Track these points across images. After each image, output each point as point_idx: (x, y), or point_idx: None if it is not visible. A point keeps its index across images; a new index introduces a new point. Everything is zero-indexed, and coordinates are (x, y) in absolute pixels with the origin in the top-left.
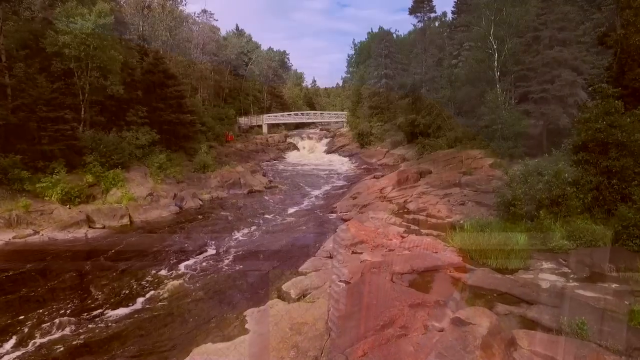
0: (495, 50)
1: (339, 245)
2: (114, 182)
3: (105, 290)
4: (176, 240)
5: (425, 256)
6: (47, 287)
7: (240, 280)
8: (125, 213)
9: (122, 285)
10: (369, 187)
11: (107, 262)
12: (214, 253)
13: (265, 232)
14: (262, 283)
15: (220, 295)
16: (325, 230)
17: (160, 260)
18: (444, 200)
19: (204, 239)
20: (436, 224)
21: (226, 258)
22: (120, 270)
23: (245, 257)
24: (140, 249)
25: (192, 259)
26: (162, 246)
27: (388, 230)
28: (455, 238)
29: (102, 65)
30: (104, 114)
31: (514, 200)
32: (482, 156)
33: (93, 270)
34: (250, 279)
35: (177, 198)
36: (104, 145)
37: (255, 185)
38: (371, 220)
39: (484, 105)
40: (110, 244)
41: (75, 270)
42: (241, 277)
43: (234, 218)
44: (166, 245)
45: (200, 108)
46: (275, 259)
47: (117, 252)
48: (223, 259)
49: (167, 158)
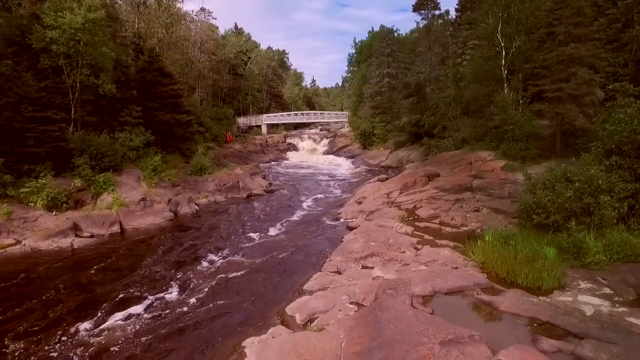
0: (502, 48)
1: (347, 259)
2: (104, 187)
3: (85, 314)
4: (168, 252)
5: (445, 274)
6: (17, 309)
7: (238, 300)
8: (115, 220)
9: (104, 308)
10: (375, 191)
11: (92, 278)
12: (208, 267)
13: (265, 242)
14: (262, 304)
15: (214, 319)
16: (331, 239)
17: (149, 277)
18: (457, 206)
19: (198, 250)
20: (451, 234)
21: (222, 273)
22: (104, 289)
23: (244, 271)
24: (128, 263)
25: (184, 274)
26: (153, 259)
27: (400, 241)
28: (476, 251)
29: (93, 62)
30: (96, 114)
31: (538, 209)
32: (492, 158)
33: (74, 289)
34: (249, 298)
35: (171, 203)
36: (94, 147)
37: (255, 189)
38: (380, 229)
39: (494, 105)
40: (97, 256)
41: (53, 289)
42: (239, 296)
43: (231, 225)
44: (157, 258)
45: (198, 108)
46: (276, 274)
47: (104, 267)
48: (218, 275)
49: (162, 160)
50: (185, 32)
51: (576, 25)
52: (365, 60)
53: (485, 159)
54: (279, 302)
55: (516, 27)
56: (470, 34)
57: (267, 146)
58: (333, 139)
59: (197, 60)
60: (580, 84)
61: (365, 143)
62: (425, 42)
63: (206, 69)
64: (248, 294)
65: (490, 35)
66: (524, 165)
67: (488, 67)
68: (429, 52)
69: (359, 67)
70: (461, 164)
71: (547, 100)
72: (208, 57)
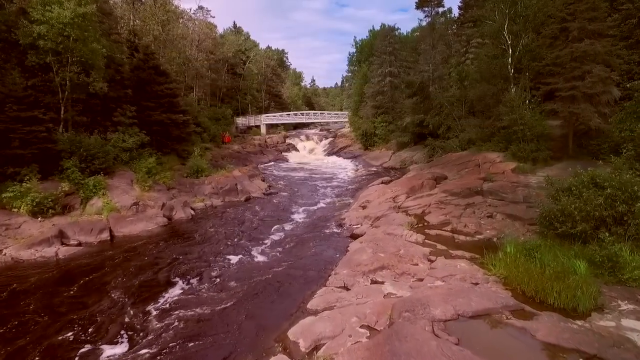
0: (509, 46)
1: (355, 272)
2: (94, 191)
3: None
4: (159, 263)
5: (467, 292)
6: None
7: (234, 322)
8: (105, 226)
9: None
10: (379, 194)
11: (71, 297)
12: (201, 282)
13: (264, 252)
14: (261, 325)
15: (206, 346)
16: (335, 248)
17: (135, 293)
18: (468, 211)
19: (191, 261)
20: (466, 243)
21: (216, 289)
22: (81, 316)
23: (240, 287)
24: (114, 276)
25: (174, 290)
26: (141, 272)
27: (411, 252)
28: (497, 264)
29: (84, 59)
30: (88, 114)
31: (562, 217)
32: (501, 160)
33: (46, 313)
34: (246, 320)
35: (165, 208)
36: (84, 149)
37: (253, 192)
38: (389, 238)
39: (503, 105)
40: (83, 267)
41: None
42: (234, 317)
43: (227, 232)
44: (146, 270)
45: (195, 107)
46: (276, 290)
47: (89, 281)
48: (212, 290)
49: (157, 162)
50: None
51: (591, 21)
52: (366, 60)
53: (494, 161)
54: (279, 324)
55: (523, 24)
56: (475, 32)
57: (266, 147)
58: (333, 140)
59: (195, 58)
60: (596, 82)
61: (367, 144)
62: (429, 40)
63: (204, 68)
64: (244, 314)
65: (497, 33)
66: (535, 168)
67: (495, 65)
68: (432, 51)
69: (360, 66)
70: (468, 165)
71: (560, 100)
72: (206, 55)
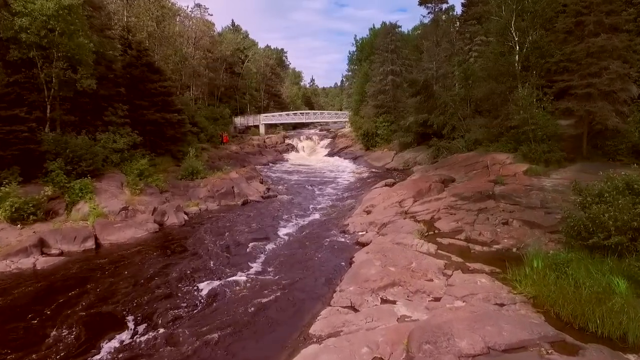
0: (516, 43)
1: (363, 289)
2: (81, 195)
3: None
4: (144, 276)
5: (495, 318)
6: None
7: (224, 350)
8: (90, 234)
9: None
10: (384, 198)
11: (42, 319)
12: (190, 300)
13: (260, 264)
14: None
15: None
16: (339, 259)
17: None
18: (482, 217)
19: (180, 274)
20: (483, 254)
21: (204, 309)
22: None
23: (233, 308)
24: (96, 292)
25: (159, 310)
26: (124, 287)
27: (424, 265)
28: (524, 281)
29: (70, 54)
30: (77, 113)
31: (593, 227)
32: (511, 161)
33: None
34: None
35: (157, 213)
36: (70, 150)
37: (251, 195)
38: (398, 248)
39: (513, 104)
40: (62, 280)
41: None
42: (225, 343)
43: (222, 241)
44: (129, 286)
45: (192, 107)
46: (274, 310)
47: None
48: (199, 312)
49: (150, 163)
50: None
51: (608, 14)
52: (367, 59)
53: (503, 162)
54: (277, 355)
55: (531, 20)
56: (478, 29)
57: (265, 147)
58: (333, 140)
59: (192, 57)
60: (614, 79)
61: (368, 144)
62: (432, 37)
63: (202, 67)
64: (236, 343)
65: (503, 29)
66: (548, 169)
67: (502, 63)
68: (436, 48)
69: (361, 65)
70: (476, 167)
71: (575, 98)
72: (204, 54)
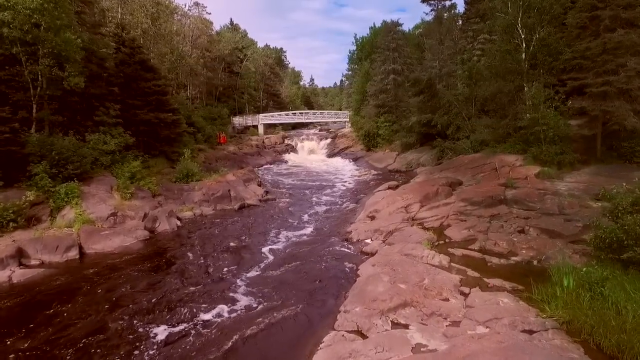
0: (523, 41)
1: (370, 310)
2: (67, 199)
3: None
4: (129, 292)
5: (527, 350)
6: None
7: None
8: (74, 242)
9: None
10: (389, 202)
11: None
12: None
13: (256, 278)
14: None
15: None
16: (342, 272)
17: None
18: (495, 225)
19: (168, 289)
20: (501, 267)
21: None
22: None
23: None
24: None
25: (137, 343)
26: (106, 303)
27: (438, 281)
28: (553, 303)
29: (56, 51)
30: (66, 113)
31: (628, 239)
32: (521, 163)
33: None
34: None
35: (147, 218)
36: (56, 152)
37: (248, 198)
38: (407, 261)
39: (523, 103)
40: (38, 296)
41: None
42: None
43: (215, 251)
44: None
45: (190, 106)
46: (269, 333)
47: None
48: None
49: (143, 165)
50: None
51: (625, 8)
52: (367, 57)
53: (513, 165)
54: None
55: (539, 17)
56: (482, 27)
57: (263, 148)
58: (333, 140)
59: (189, 55)
60: (632, 76)
61: (369, 144)
62: (436, 34)
63: (199, 66)
64: None
65: (510, 26)
66: (561, 172)
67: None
68: (440, 46)
69: (361, 64)
70: (484, 169)
71: (590, 96)
72: (201, 52)
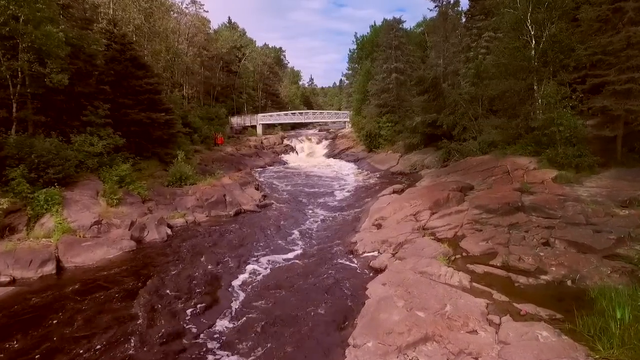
0: (532, 37)
1: (385, 346)
2: (46, 207)
3: None
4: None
5: None
6: None
7: None
8: (51, 256)
9: None
10: (396, 209)
11: None
12: None
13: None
14: None
15: None
16: (348, 292)
17: None
18: (516, 236)
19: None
20: (530, 288)
21: None
22: None
23: None
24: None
25: None
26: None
27: (461, 307)
28: (605, 339)
29: (37, 45)
30: (50, 112)
31: None
32: (535, 166)
33: None
34: None
35: (135, 227)
36: (36, 155)
37: (245, 204)
38: (423, 281)
39: (536, 102)
40: (4, 318)
41: None
42: None
43: (204, 267)
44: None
45: (186, 106)
46: None
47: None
48: None
49: (134, 168)
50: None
51: None
52: (368, 57)
53: (527, 168)
54: None
55: (549, 12)
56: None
57: (262, 148)
58: (333, 141)
59: (185, 53)
60: None
61: (371, 145)
62: (441, 31)
63: (196, 64)
64: None
65: (519, 22)
66: (580, 176)
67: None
68: (445, 43)
69: (362, 63)
70: (495, 172)
71: (613, 95)
72: (198, 51)
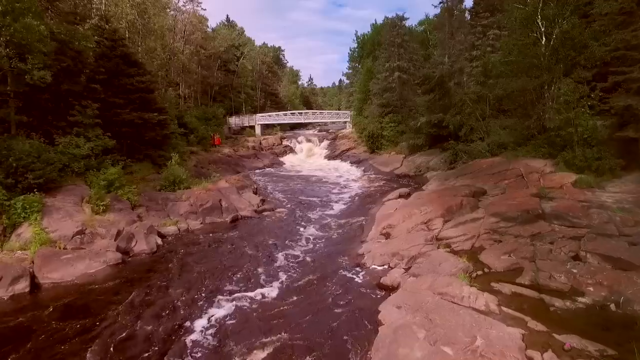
0: (542, 34)
1: None
2: (25, 215)
3: None
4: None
5: None
6: None
7: None
8: (24, 272)
9: None
10: (404, 216)
11: None
12: None
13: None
14: None
15: None
16: (358, 316)
17: None
18: (543, 250)
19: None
20: (568, 314)
21: None
22: None
23: None
24: None
25: None
26: None
27: (494, 339)
28: None
29: (17, 40)
30: (34, 112)
31: None
32: (551, 169)
33: None
34: None
35: (122, 237)
36: (14, 158)
37: (242, 209)
38: (444, 305)
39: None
40: None
41: None
42: None
43: (193, 285)
44: None
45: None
46: None
47: None
48: None
49: (125, 171)
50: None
51: None
52: (369, 56)
53: (542, 171)
54: None
55: (560, 7)
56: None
57: (260, 149)
58: (334, 141)
59: (181, 51)
60: None
61: (373, 146)
62: (447, 27)
63: (193, 63)
64: None
65: (528, 18)
66: (601, 180)
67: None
68: (451, 40)
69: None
70: (507, 176)
71: (637, 93)
72: (195, 49)
